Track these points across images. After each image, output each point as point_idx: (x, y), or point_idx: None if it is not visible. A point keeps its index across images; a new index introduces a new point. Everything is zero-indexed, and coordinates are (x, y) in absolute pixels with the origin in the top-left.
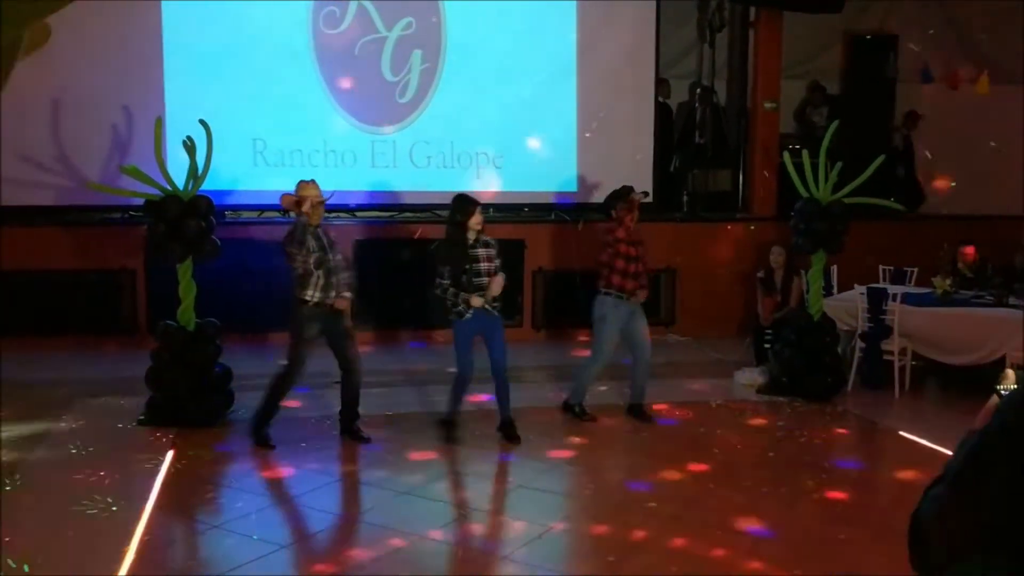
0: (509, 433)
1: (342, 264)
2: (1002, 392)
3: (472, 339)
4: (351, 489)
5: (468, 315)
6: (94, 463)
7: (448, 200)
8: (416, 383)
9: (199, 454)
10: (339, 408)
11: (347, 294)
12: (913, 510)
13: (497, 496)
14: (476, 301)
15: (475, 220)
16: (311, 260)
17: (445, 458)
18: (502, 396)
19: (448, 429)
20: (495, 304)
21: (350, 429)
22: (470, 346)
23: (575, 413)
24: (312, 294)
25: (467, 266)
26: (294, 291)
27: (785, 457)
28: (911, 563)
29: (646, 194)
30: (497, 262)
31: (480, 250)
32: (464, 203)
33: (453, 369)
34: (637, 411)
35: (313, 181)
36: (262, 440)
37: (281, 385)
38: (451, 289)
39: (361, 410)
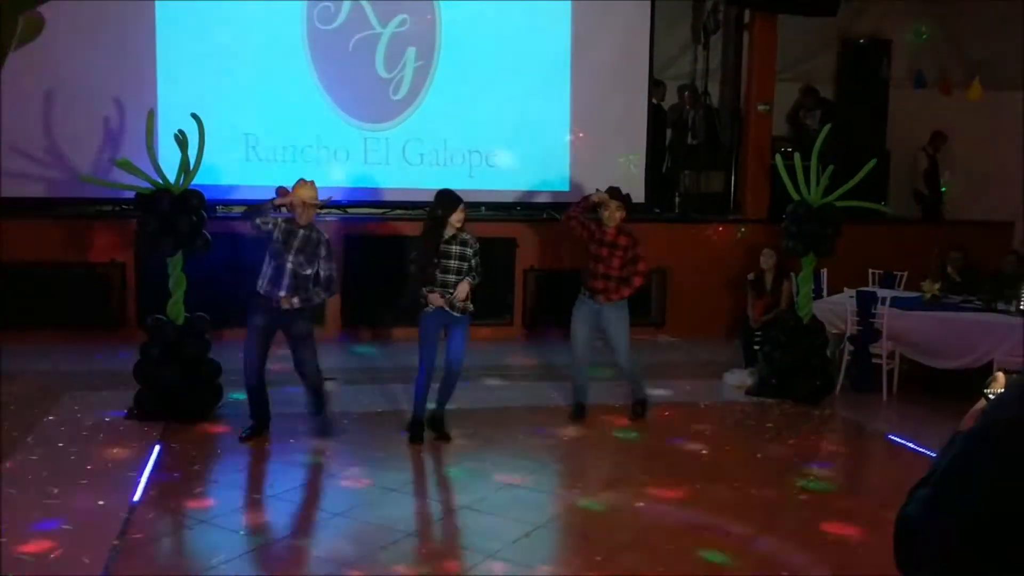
0: (437, 427)
1: (308, 272)
2: (990, 396)
3: (436, 334)
4: (337, 486)
5: (430, 309)
6: (82, 456)
7: None
8: (408, 380)
9: (187, 448)
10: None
11: (294, 300)
12: (899, 511)
13: (483, 495)
14: (436, 299)
15: (456, 217)
16: (269, 249)
17: (432, 456)
18: (445, 390)
19: (412, 429)
20: (460, 306)
21: (317, 422)
22: (433, 341)
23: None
24: (260, 284)
25: (436, 260)
26: None
27: (773, 459)
28: (896, 563)
29: (626, 195)
30: (473, 262)
31: (454, 247)
32: (448, 199)
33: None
34: (634, 409)
35: (312, 182)
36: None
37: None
38: (416, 282)
39: (351, 407)
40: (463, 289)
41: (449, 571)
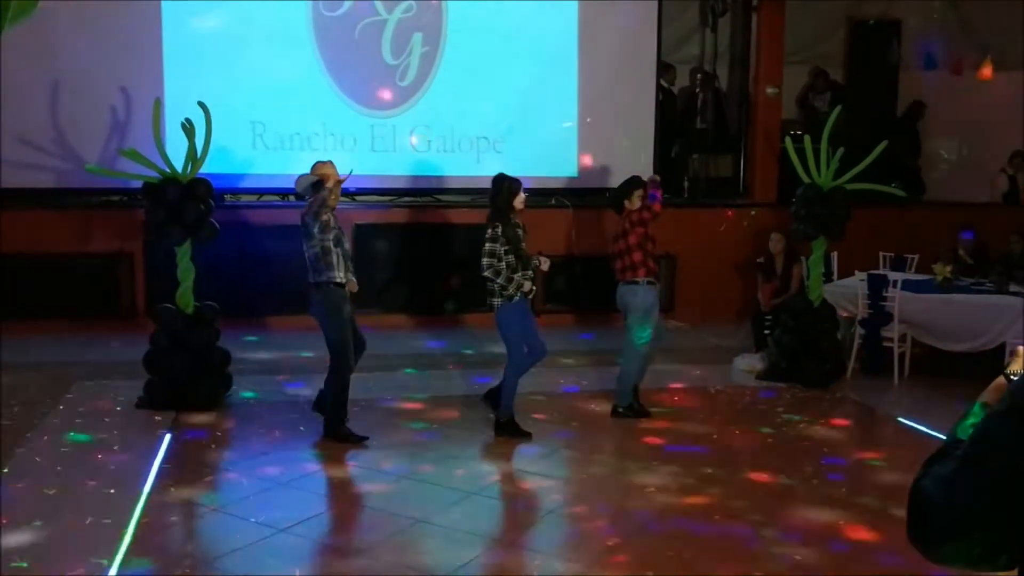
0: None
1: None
2: (1012, 376)
3: (526, 319)
4: (347, 473)
5: (517, 297)
6: (92, 446)
7: (448, 184)
8: (415, 366)
9: (197, 437)
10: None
11: (353, 278)
12: (913, 482)
13: (496, 481)
14: (528, 285)
15: (519, 200)
16: (330, 237)
17: (443, 443)
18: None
19: (511, 425)
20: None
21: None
22: (531, 328)
23: (633, 411)
24: (339, 275)
25: (523, 247)
26: (316, 276)
27: (784, 443)
28: (909, 536)
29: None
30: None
31: (520, 231)
32: (511, 182)
33: (451, 352)
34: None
35: (331, 162)
36: (347, 437)
37: (341, 377)
38: (505, 272)
39: (359, 395)
40: (547, 261)
41: (460, 558)
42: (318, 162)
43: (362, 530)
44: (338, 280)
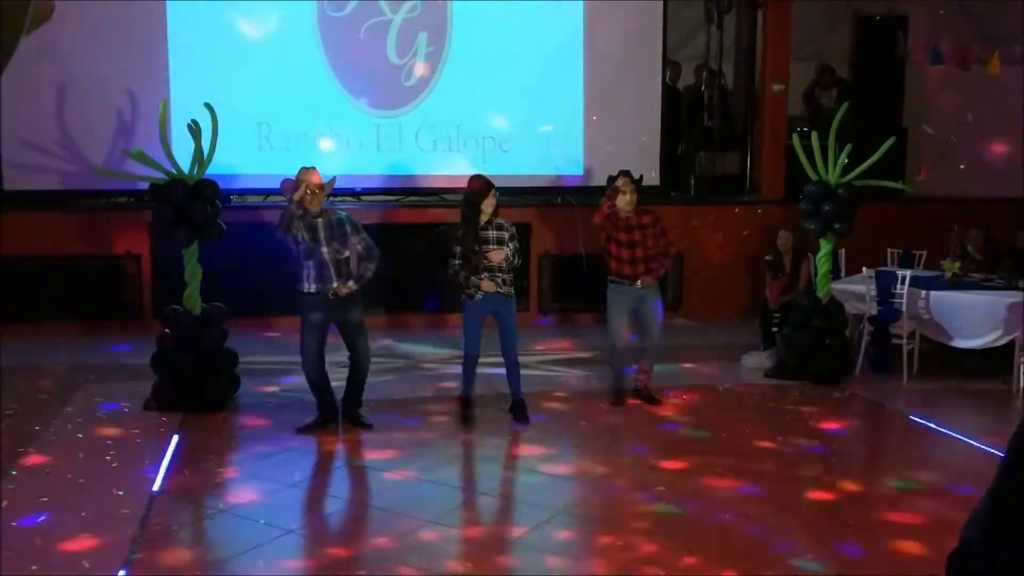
0: (518, 414)
1: (346, 255)
2: None
3: (481, 320)
4: (358, 473)
5: (479, 296)
6: (100, 448)
7: (454, 184)
8: (422, 368)
9: (205, 439)
10: (344, 393)
11: (350, 283)
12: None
13: (504, 480)
14: (488, 285)
15: (488, 203)
16: (301, 250)
17: (452, 442)
18: (512, 378)
19: (463, 408)
20: (506, 287)
21: (352, 415)
22: (477, 327)
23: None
24: (307, 286)
25: (476, 247)
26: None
27: (793, 441)
28: None
29: (639, 177)
30: (511, 246)
31: (491, 232)
32: (478, 186)
33: (455, 352)
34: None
35: (314, 168)
36: (307, 427)
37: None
38: (462, 272)
39: (369, 394)
40: (496, 254)
41: (469, 557)
42: (302, 168)
43: (372, 531)
44: (305, 290)
